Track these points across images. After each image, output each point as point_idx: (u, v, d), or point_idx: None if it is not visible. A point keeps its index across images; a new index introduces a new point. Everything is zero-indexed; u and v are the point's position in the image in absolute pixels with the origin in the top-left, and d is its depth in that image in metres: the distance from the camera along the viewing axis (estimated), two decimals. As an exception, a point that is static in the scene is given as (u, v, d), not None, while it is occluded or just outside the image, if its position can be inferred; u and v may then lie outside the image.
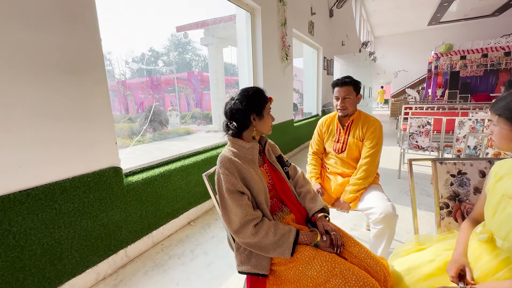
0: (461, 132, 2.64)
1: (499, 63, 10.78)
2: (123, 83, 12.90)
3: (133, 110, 11.94)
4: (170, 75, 12.81)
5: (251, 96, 0.97)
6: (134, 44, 24.85)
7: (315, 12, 5.10)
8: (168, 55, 16.08)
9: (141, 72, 15.74)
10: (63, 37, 1.29)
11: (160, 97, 11.89)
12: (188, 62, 18.41)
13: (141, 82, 12.51)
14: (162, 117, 7.96)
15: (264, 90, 1.02)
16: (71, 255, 1.38)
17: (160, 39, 27.92)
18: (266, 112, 1.00)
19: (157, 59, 18.03)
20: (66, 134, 1.33)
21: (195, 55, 18.30)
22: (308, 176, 1.65)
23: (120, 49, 18.30)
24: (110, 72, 14.93)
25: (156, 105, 8.55)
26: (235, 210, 0.89)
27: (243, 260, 0.93)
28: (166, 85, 12.25)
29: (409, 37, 16.65)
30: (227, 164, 0.93)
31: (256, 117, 0.98)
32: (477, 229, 0.85)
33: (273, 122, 1.06)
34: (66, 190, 1.34)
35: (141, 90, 11.94)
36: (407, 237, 1.87)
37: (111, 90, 4.66)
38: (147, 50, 16.48)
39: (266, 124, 1.01)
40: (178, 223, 2.10)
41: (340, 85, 1.49)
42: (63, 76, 1.30)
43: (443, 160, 1.04)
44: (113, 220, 1.59)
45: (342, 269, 0.78)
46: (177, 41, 17.91)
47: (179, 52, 18.60)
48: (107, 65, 14.68)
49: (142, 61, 16.99)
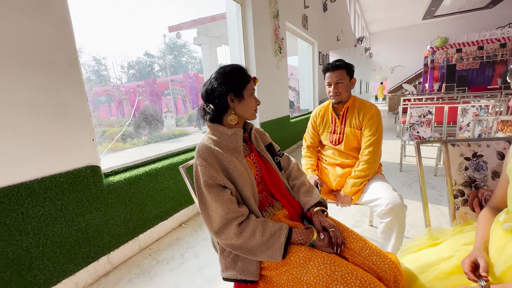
0: (464, 120, 2.52)
1: (495, 54, 10.74)
2: (118, 87, 12.77)
3: (129, 114, 11.80)
4: (165, 78, 12.69)
5: (228, 73, 0.84)
6: (130, 49, 24.70)
7: (308, 5, 4.98)
8: (164, 59, 15.93)
9: (136, 76, 15.59)
10: (31, 28, 1.16)
11: (156, 100, 11.76)
12: (184, 65, 18.31)
13: (137, 86, 12.38)
14: (157, 119, 7.83)
15: (246, 68, 0.89)
16: (42, 264, 1.24)
17: (155, 43, 27.78)
18: (247, 93, 0.86)
19: (153, 62, 17.92)
20: (35, 130, 1.19)
21: (190, 57, 18.19)
22: (304, 168, 1.52)
23: (115, 54, 18.15)
24: (105, 76, 14.77)
25: (150, 107, 8.41)
26: (215, 207, 0.76)
27: (228, 265, 0.79)
28: (162, 88, 12.13)
29: (404, 32, 16.62)
30: (205, 154, 0.79)
31: (235, 98, 0.84)
32: (499, 217, 0.72)
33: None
34: (35, 192, 1.20)
35: (137, 94, 11.81)
36: (413, 232, 1.74)
37: (106, 94, 4.43)
38: (143, 54, 16.32)
39: (247, 107, 0.87)
40: (168, 226, 1.96)
41: (332, 69, 1.36)
42: (31, 67, 1.17)
43: (456, 142, 0.91)
44: (93, 224, 1.45)
45: (343, 273, 0.65)
46: (173, 44, 17.81)
47: (175, 55, 18.50)
48: (102, 70, 14.54)
49: (138, 65, 16.84)
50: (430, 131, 2.75)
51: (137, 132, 7.26)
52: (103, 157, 1.62)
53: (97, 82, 13.18)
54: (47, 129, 1.24)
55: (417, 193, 2.38)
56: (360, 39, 11.03)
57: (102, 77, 14.20)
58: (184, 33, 8.81)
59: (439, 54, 11.42)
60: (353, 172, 1.36)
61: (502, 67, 10.78)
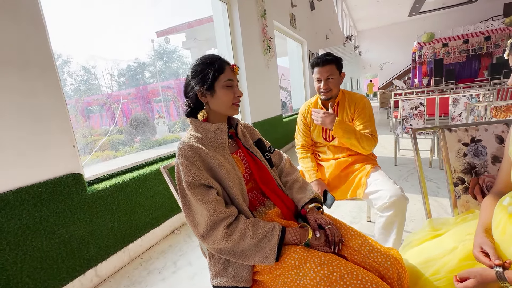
0: (456, 110, 2.51)
1: (480, 47, 10.97)
2: (109, 95, 12.59)
3: (122, 122, 11.63)
4: (156, 84, 12.57)
5: (196, 65, 0.78)
6: (119, 57, 24.50)
7: (296, 4, 4.98)
8: (155, 65, 15.80)
9: (127, 84, 15.40)
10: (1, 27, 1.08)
11: (148, 107, 11.62)
12: (175, 71, 18.21)
13: (128, 94, 12.23)
14: (149, 125, 7.71)
15: (220, 57, 0.80)
16: (21, 282, 1.15)
17: (144, 49, 27.61)
18: (219, 85, 0.77)
19: (143, 69, 17.78)
20: (8, 136, 1.11)
21: (181, 63, 18.10)
22: (305, 172, 1.42)
23: (105, 63, 17.95)
24: (96, 85, 14.55)
25: (141, 114, 8.28)
26: (199, 209, 0.69)
27: (217, 271, 0.73)
28: (153, 95, 12.00)
29: (392, 29, 16.87)
30: (186, 152, 0.73)
31: (206, 92, 0.77)
32: (504, 201, 0.68)
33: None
34: (9, 204, 1.11)
35: (128, 102, 11.65)
36: (412, 226, 1.70)
37: (98, 104, 4.33)
38: (133, 62, 16.17)
39: (221, 102, 0.78)
40: (160, 233, 1.88)
41: (322, 65, 1.29)
42: (1, 69, 1.09)
43: (453, 127, 0.87)
44: (77, 236, 1.36)
45: (342, 273, 0.59)
46: (162, 50, 17.72)
47: (165, 61, 18.40)
48: (92, 80, 14.32)
49: (128, 73, 16.67)
50: (422, 123, 2.73)
51: (129, 140, 7.14)
52: (93, 166, 1.53)
53: (86, 91, 12.97)
54: (23, 137, 1.16)
55: (413, 186, 2.35)
56: (349, 37, 11.14)
57: (91, 86, 13.99)
58: (172, 37, 8.76)
59: (426, 49, 11.59)
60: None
61: (487, 60, 11.02)
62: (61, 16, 13.33)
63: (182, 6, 36.34)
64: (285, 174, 0.96)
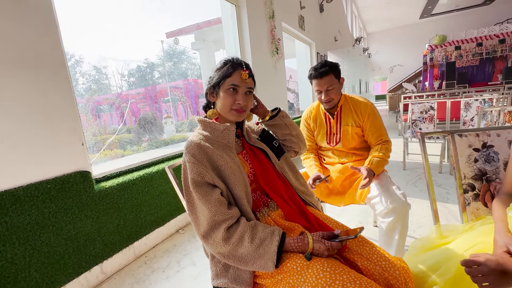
0: (467, 114, 2.44)
1: (495, 51, 10.67)
2: (119, 95, 12.82)
3: (131, 122, 11.83)
4: (165, 84, 12.74)
5: (217, 65, 0.82)
6: (130, 57, 25.01)
7: (305, 6, 4.97)
8: (164, 66, 16.05)
9: (136, 83, 15.66)
10: (13, 29, 1.12)
11: (156, 106, 11.79)
12: (183, 72, 18.44)
13: (137, 93, 12.43)
14: (157, 125, 7.81)
15: (236, 60, 0.81)
16: (29, 276, 1.18)
17: (154, 50, 28.13)
18: (224, 88, 0.78)
19: (152, 70, 18.07)
20: (21, 134, 1.14)
21: (190, 63, 18.33)
22: (307, 168, 1.43)
23: (115, 63, 18.34)
24: (106, 85, 14.87)
25: (149, 114, 8.40)
26: (202, 208, 0.69)
27: (218, 272, 0.73)
28: (162, 95, 12.17)
29: (402, 31, 16.61)
30: (194, 150, 0.73)
31: (213, 93, 0.82)
32: None
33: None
34: (20, 199, 1.14)
35: (137, 101, 11.84)
36: (420, 232, 1.66)
37: (107, 103, 4.43)
38: (142, 62, 16.45)
39: (221, 105, 0.79)
40: (165, 232, 1.90)
41: (320, 77, 1.26)
42: (15, 70, 1.13)
43: (463, 132, 0.84)
44: (84, 232, 1.39)
45: (344, 282, 0.57)
46: (172, 51, 17.97)
47: (174, 62, 18.64)
48: (103, 79, 14.64)
49: (138, 73, 16.96)
50: (432, 127, 2.67)
51: (137, 139, 7.24)
52: (102, 164, 1.56)
53: (97, 90, 13.26)
54: (34, 135, 1.19)
55: (422, 191, 2.30)
56: (358, 39, 11.02)
57: (102, 85, 14.28)
58: (182, 38, 8.85)
59: (438, 52, 11.36)
60: (376, 153, 1.26)
61: (502, 63, 10.69)
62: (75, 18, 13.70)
63: (192, 7, 36.83)
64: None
